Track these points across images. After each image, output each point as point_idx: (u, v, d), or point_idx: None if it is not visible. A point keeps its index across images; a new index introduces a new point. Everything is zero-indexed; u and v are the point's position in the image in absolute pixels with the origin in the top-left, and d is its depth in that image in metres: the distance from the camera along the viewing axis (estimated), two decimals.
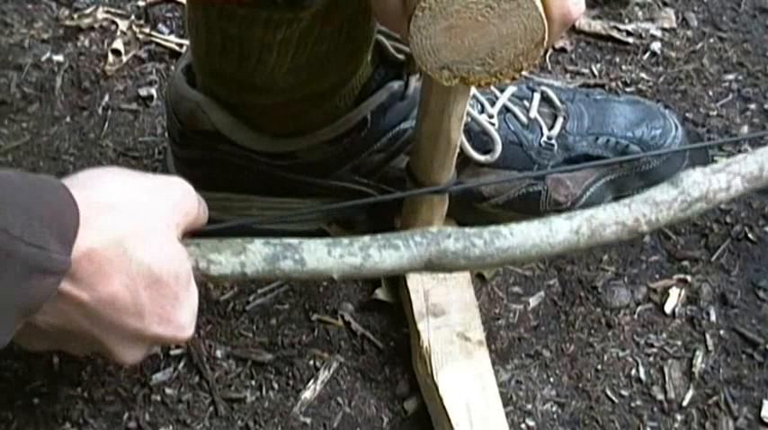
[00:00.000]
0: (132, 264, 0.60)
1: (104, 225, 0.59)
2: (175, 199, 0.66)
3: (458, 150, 0.75)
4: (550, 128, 0.86)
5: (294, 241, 0.70)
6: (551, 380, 0.81)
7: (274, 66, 0.73)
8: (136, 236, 0.61)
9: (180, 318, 0.65)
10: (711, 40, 1.11)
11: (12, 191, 0.53)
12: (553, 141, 0.85)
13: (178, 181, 0.68)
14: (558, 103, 0.87)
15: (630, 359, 0.82)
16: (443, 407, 0.74)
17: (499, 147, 0.82)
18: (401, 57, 0.81)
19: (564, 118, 0.87)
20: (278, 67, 0.73)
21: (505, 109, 0.85)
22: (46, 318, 0.60)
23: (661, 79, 1.06)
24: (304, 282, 0.86)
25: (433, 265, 0.72)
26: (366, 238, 0.71)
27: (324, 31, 0.71)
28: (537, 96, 0.87)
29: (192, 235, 0.70)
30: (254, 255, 0.68)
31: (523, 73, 0.61)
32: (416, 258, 0.71)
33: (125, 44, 1.09)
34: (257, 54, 0.72)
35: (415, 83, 0.80)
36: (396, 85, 0.80)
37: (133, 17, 1.12)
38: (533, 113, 0.86)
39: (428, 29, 0.58)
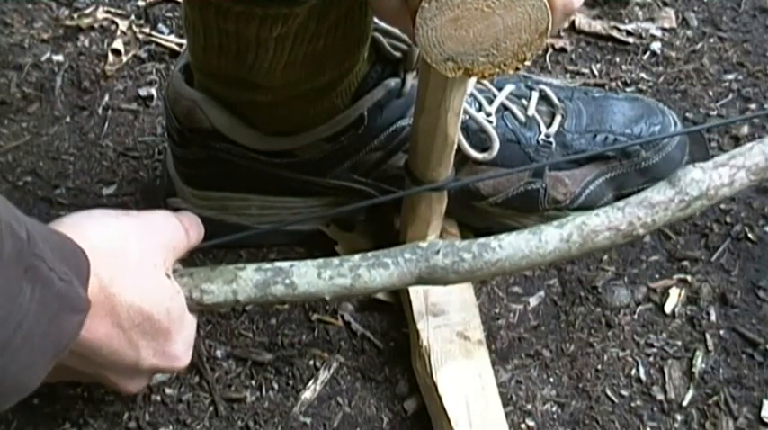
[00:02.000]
0: (122, 305, 0.63)
1: (95, 269, 0.60)
2: (160, 236, 0.68)
3: (455, 147, 0.75)
4: (548, 126, 0.86)
5: (285, 265, 0.71)
6: (551, 380, 0.81)
7: (271, 63, 0.73)
8: (123, 278, 0.63)
9: (174, 349, 0.68)
10: (711, 40, 1.11)
11: (35, 229, 0.54)
12: (551, 139, 0.85)
13: (162, 215, 0.70)
14: (556, 101, 0.87)
15: (630, 359, 0.82)
16: (443, 407, 0.74)
17: (497, 145, 0.82)
18: (398, 54, 0.81)
19: (562, 116, 0.86)
20: (275, 64, 0.73)
21: (503, 107, 0.85)
22: None
23: (661, 79, 1.06)
24: None
25: (424, 281, 0.72)
26: (356, 258, 0.72)
27: (320, 27, 0.71)
28: (535, 95, 0.87)
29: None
30: (246, 283, 0.70)
31: (526, 63, 0.61)
32: (406, 275, 0.72)
33: (125, 44, 1.09)
34: (254, 51, 0.72)
35: (411, 80, 0.80)
36: (392, 82, 0.80)
37: (133, 17, 1.13)
38: (531, 111, 0.86)
39: (434, 20, 0.58)
